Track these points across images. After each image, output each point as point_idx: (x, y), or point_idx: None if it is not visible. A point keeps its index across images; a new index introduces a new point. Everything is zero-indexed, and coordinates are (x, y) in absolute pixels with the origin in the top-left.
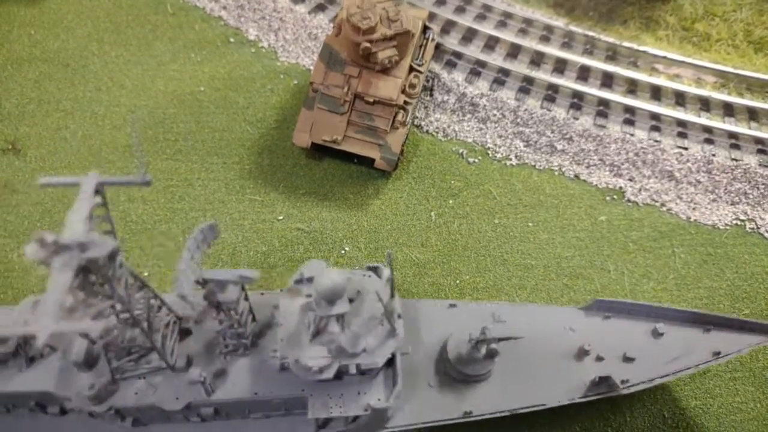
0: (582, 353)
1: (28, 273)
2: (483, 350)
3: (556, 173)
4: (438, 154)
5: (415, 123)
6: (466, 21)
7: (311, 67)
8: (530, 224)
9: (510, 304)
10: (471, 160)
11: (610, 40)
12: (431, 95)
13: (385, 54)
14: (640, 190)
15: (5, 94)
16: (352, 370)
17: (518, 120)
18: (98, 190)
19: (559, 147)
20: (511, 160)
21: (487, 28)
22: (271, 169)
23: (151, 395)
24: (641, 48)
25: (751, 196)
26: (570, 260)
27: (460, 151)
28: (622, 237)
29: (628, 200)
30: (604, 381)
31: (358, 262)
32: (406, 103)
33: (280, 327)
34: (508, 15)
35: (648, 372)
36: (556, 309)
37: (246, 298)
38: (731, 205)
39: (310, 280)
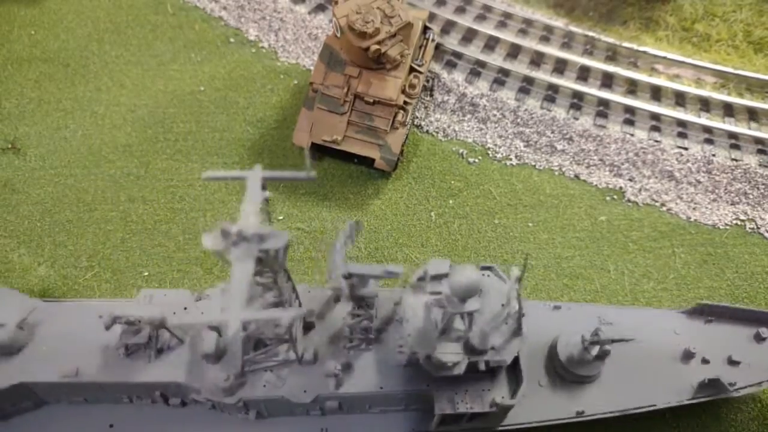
0: (688, 355)
1: (28, 272)
2: (594, 351)
3: (556, 173)
4: (438, 154)
5: (415, 123)
6: (466, 21)
7: (311, 68)
8: (530, 224)
9: (613, 306)
10: (471, 160)
11: (610, 40)
12: (431, 95)
13: (395, 51)
14: (640, 190)
15: (5, 94)
16: (482, 367)
17: (518, 120)
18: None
19: (559, 147)
20: (511, 160)
21: (487, 29)
22: (271, 169)
23: (281, 388)
24: (641, 48)
25: (751, 196)
26: (570, 260)
27: (460, 151)
28: (622, 237)
29: (628, 200)
30: (713, 383)
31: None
32: (406, 103)
33: (407, 323)
34: (508, 15)
35: (754, 375)
36: (658, 311)
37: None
38: (731, 205)
39: (435, 277)
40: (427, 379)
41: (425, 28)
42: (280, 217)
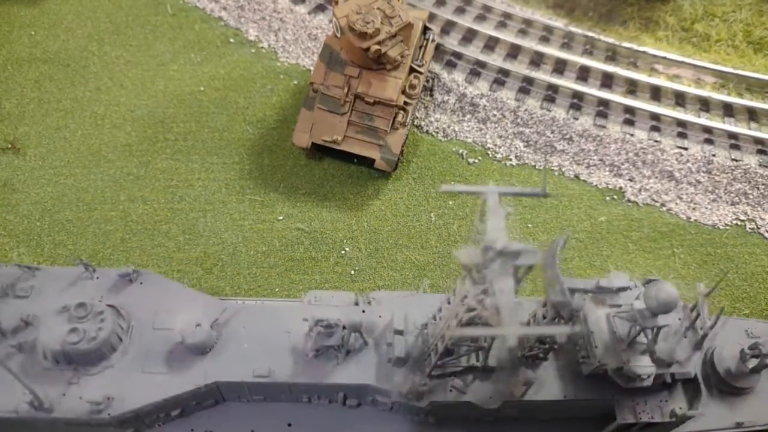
0: None
1: None
2: (752, 364)
3: (556, 173)
4: (438, 154)
5: (415, 123)
6: (466, 21)
7: (311, 68)
8: (530, 225)
9: (757, 320)
10: (471, 160)
11: (610, 40)
12: (431, 95)
13: (395, 51)
14: (640, 190)
15: (5, 94)
16: (668, 379)
17: (518, 120)
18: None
19: (559, 147)
20: (511, 160)
21: (487, 29)
22: (271, 170)
23: (467, 393)
24: (641, 48)
25: (751, 196)
26: (569, 262)
27: (460, 151)
28: (621, 237)
29: (628, 200)
30: None
31: (359, 263)
32: (406, 103)
33: (591, 334)
34: (507, 15)
35: None
36: None
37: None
38: (731, 205)
39: (620, 289)
40: (608, 389)
41: (425, 29)
42: (280, 218)
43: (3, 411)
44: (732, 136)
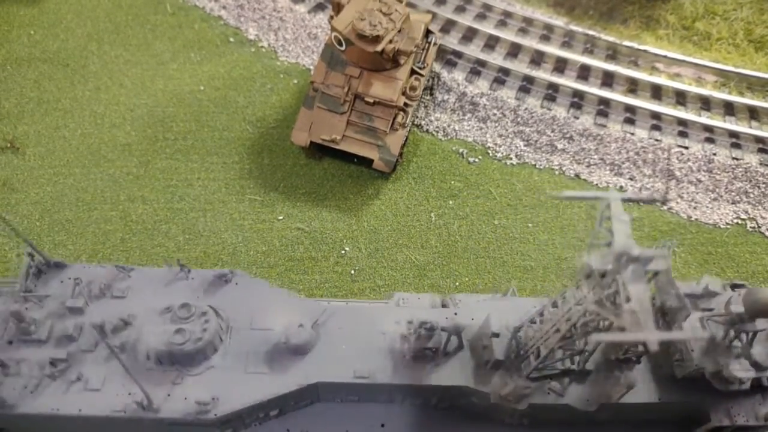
0: None
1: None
2: None
3: (557, 173)
4: (438, 153)
5: (415, 122)
6: (466, 20)
7: (311, 67)
8: (530, 225)
9: None
10: (471, 159)
11: (611, 39)
12: (431, 94)
13: (407, 45)
14: (640, 189)
15: (5, 94)
16: (765, 382)
17: (518, 119)
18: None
19: (560, 146)
20: (511, 159)
21: (487, 28)
22: (271, 169)
23: (564, 396)
24: (642, 47)
25: (751, 195)
26: (570, 261)
27: (461, 150)
28: None
29: (629, 199)
30: None
31: (359, 263)
32: (406, 105)
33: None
34: (508, 14)
35: None
36: None
37: None
38: (732, 204)
39: (710, 294)
40: (700, 392)
41: (428, 32)
42: (280, 217)
43: (111, 411)
44: (733, 134)
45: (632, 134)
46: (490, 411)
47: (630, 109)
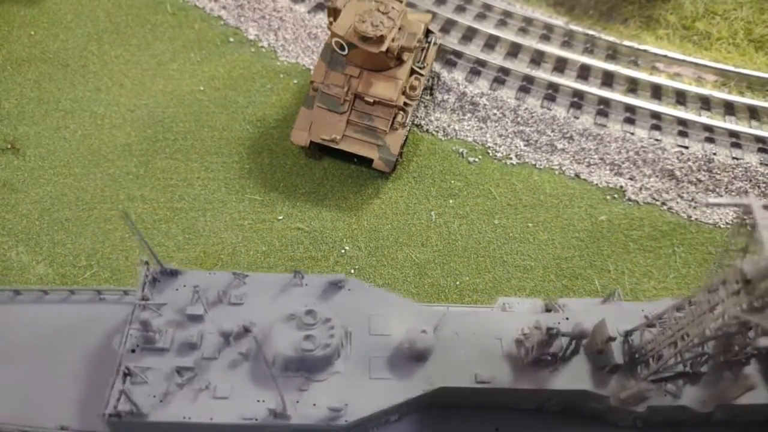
0: None
1: (26, 270)
2: None
3: (557, 172)
4: (438, 153)
5: (415, 122)
6: (466, 20)
7: (311, 67)
8: (530, 224)
9: None
10: (471, 159)
11: (611, 38)
12: (431, 94)
13: (410, 42)
14: (640, 189)
15: (5, 94)
16: None
17: (518, 119)
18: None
19: (560, 146)
20: (511, 159)
21: (487, 27)
22: (270, 169)
23: (681, 398)
24: (642, 47)
25: (752, 195)
26: (570, 261)
27: (461, 150)
28: (622, 236)
29: (629, 199)
30: None
31: (359, 262)
32: (406, 104)
33: None
34: (508, 14)
35: None
36: None
37: None
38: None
39: None
40: None
41: (428, 32)
42: (280, 217)
43: (242, 418)
44: (733, 134)
45: (632, 134)
46: (604, 413)
47: (630, 108)
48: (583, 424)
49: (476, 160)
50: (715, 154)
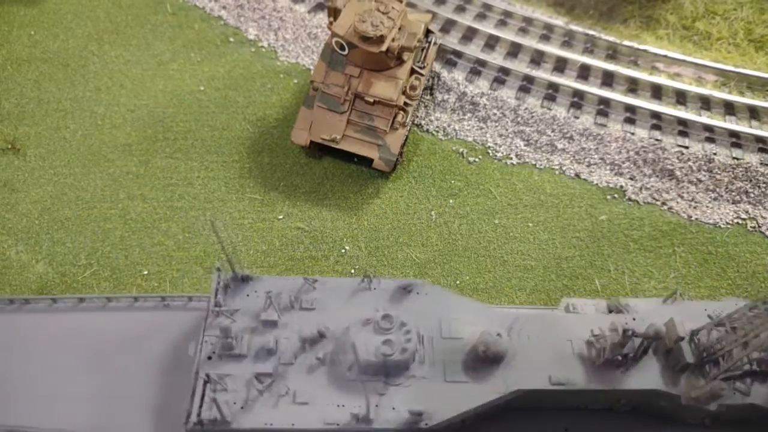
0: None
1: (26, 270)
2: None
3: (557, 172)
4: (438, 153)
5: (415, 122)
6: (466, 20)
7: (311, 67)
8: (530, 224)
9: None
10: (471, 159)
11: (611, 38)
12: (431, 94)
13: (410, 41)
14: (641, 188)
15: (5, 94)
16: None
17: (519, 119)
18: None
19: (560, 146)
20: (511, 159)
21: (487, 27)
22: (270, 168)
23: (749, 395)
24: (642, 47)
25: (752, 195)
26: (570, 260)
27: (461, 150)
28: (622, 236)
29: (629, 199)
30: None
31: (359, 262)
32: (406, 104)
33: None
34: (508, 14)
35: None
36: None
37: None
38: (732, 203)
39: None
40: None
41: (428, 32)
42: (280, 216)
43: (324, 423)
44: (733, 134)
45: (632, 134)
46: (672, 412)
47: (630, 108)
48: (651, 423)
49: (476, 159)
50: (715, 154)
